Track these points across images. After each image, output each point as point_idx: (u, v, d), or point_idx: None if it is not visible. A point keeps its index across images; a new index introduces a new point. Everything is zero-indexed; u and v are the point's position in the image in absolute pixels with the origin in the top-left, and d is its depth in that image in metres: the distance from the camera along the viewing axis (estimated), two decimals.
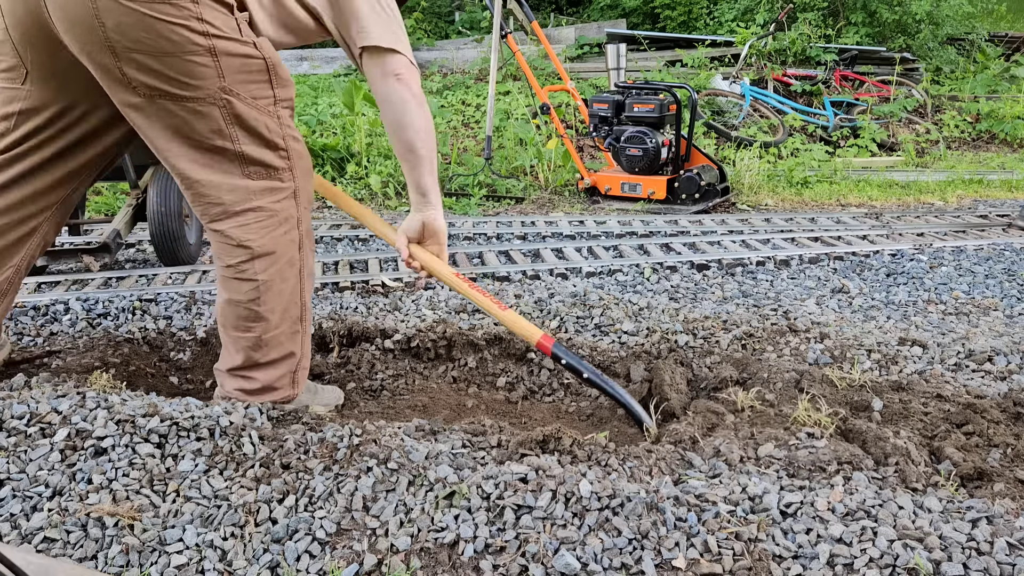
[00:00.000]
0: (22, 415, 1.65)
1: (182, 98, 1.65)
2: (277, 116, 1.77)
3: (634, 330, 2.56)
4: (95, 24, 1.56)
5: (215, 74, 1.64)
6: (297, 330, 1.91)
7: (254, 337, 1.84)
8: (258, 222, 1.78)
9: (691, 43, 8.56)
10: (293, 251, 1.85)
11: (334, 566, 1.34)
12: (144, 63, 1.60)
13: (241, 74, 1.68)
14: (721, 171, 4.92)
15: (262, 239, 1.78)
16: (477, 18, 10.22)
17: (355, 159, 5.46)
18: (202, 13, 1.59)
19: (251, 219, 1.78)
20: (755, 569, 1.28)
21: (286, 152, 1.80)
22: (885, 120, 7.22)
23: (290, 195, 1.83)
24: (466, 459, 1.62)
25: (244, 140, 1.73)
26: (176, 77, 1.62)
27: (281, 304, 1.85)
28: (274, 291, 1.83)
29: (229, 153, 1.73)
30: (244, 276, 1.80)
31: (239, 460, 1.59)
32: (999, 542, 1.30)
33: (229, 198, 1.76)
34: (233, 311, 1.84)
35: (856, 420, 1.86)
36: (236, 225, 1.77)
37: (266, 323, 1.84)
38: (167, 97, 1.65)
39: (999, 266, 3.33)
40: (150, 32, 1.56)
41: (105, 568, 1.36)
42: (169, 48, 1.59)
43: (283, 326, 1.87)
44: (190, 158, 1.72)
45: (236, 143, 1.72)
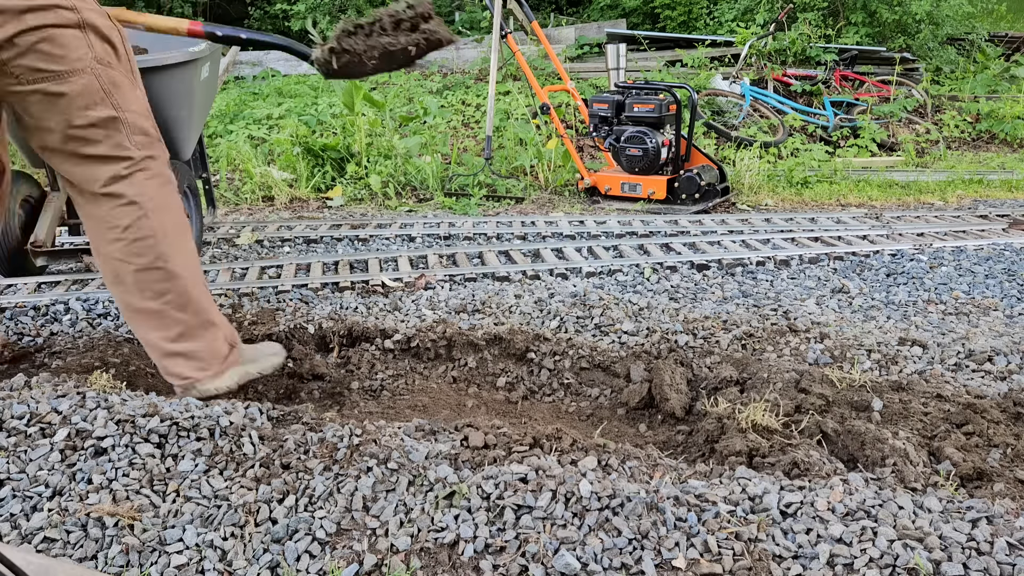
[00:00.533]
0: (22, 415, 1.65)
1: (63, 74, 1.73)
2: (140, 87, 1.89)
3: (634, 330, 2.56)
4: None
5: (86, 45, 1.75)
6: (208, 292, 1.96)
7: (173, 298, 1.87)
8: (147, 179, 1.86)
9: (691, 43, 8.55)
10: (179, 212, 1.93)
11: (334, 566, 1.34)
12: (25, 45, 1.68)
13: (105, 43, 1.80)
14: (721, 171, 4.91)
15: (152, 194, 1.86)
16: (477, 18, 10.22)
17: (355, 159, 5.46)
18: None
19: (140, 177, 1.85)
20: (755, 569, 1.28)
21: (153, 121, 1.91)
22: (885, 120, 7.22)
23: (166, 161, 1.93)
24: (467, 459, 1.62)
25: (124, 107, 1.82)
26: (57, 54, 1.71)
27: (185, 259, 1.89)
28: (176, 245, 1.88)
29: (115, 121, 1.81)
30: (142, 234, 1.84)
31: (239, 460, 1.59)
32: (999, 542, 1.30)
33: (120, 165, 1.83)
34: (144, 278, 1.86)
35: (855, 421, 1.86)
36: (128, 184, 1.84)
37: (179, 278, 1.87)
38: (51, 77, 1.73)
39: (999, 266, 3.33)
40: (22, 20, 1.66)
41: (105, 568, 1.36)
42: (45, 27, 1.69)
43: (196, 280, 1.91)
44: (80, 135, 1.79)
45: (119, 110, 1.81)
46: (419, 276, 3.16)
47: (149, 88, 2.44)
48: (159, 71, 2.90)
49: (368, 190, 5.17)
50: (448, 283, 3.13)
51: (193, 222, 3.49)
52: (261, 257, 3.65)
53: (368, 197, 5.11)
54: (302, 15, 10.28)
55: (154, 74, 2.84)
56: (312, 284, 3.03)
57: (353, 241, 3.93)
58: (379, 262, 3.41)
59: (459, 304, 2.80)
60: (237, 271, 3.24)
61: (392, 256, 3.47)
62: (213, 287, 2.96)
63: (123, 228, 1.84)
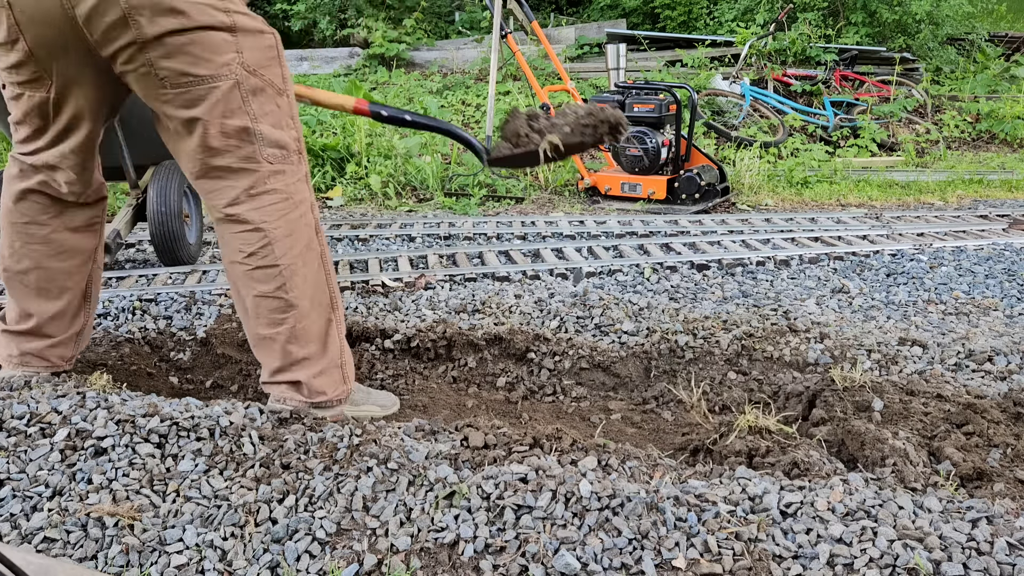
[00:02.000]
0: (22, 415, 1.65)
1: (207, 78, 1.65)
2: (287, 95, 1.76)
3: (634, 330, 2.56)
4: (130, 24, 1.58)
5: (234, 50, 1.65)
6: (331, 318, 1.86)
7: (288, 329, 1.79)
8: (272, 205, 1.74)
9: (691, 43, 8.56)
10: (311, 234, 1.81)
11: (334, 566, 1.34)
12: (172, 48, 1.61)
13: (256, 51, 1.69)
14: (721, 171, 4.91)
15: (278, 221, 1.75)
16: (477, 18, 10.22)
17: (355, 159, 5.46)
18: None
19: (266, 202, 1.74)
20: (755, 569, 1.28)
21: (296, 133, 1.79)
22: (885, 120, 7.22)
23: (302, 178, 1.80)
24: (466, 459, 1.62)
25: (261, 118, 1.71)
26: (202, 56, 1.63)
27: (308, 290, 1.80)
28: (299, 276, 1.78)
29: (248, 132, 1.70)
30: (265, 263, 1.75)
31: (239, 460, 1.59)
32: (999, 542, 1.30)
33: (246, 182, 1.73)
34: (263, 305, 1.78)
35: (855, 421, 1.86)
36: (252, 208, 1.73)
37: (297, 311, 1.78)
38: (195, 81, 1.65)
39: (999, 266, 3.33)
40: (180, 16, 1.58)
41: (105, 568, 1.36)
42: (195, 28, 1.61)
43: (314, 314, 1.81)
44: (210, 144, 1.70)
45: (255, 121, 1.70)
46: (419, 276, 3.16)
47: None
48: None
49: (368, 190, 5.17)
50: (448, 283, 3.13)
51: (193, 222, 3.50)
52: None
53: (368, 197, 5.11)
54: (302, 15, 10.28)
55: None
56: None
57: (353, 241, 3.93)
58: (379, 262, 3.41)
59: (459, 304, 2.80)
60: None
61: (392, 256, 3.47)
62: (213, 287, 2.97)
63: (246, 255, 1.76)
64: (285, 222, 1.76)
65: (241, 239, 1.76)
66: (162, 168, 3.25)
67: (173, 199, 3.24)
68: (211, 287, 2.97)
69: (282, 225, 1.75)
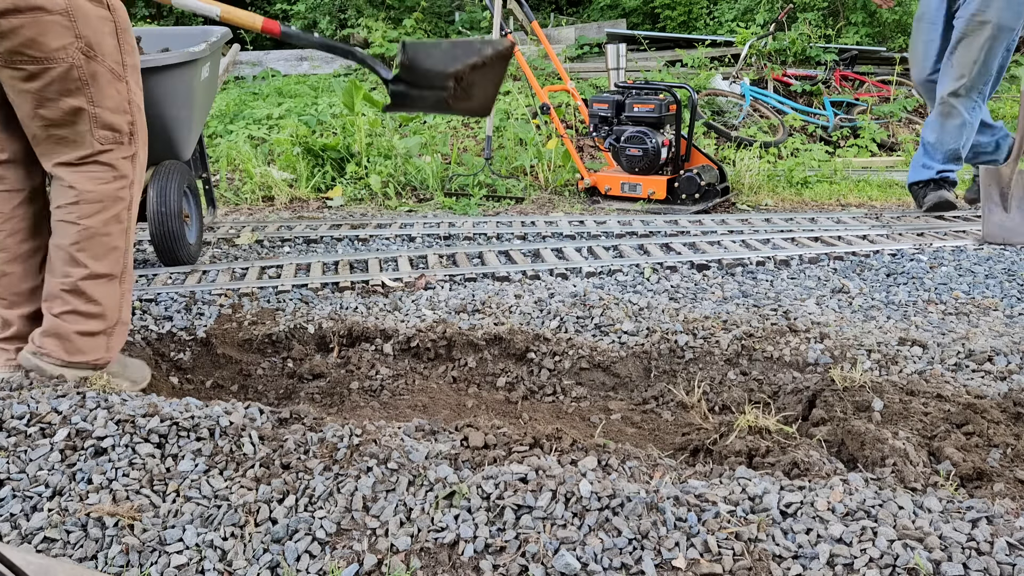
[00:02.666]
0: (22, 415, 1.65)
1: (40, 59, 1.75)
2: (126, 81, 1.89)
3: (634, 330, 2.56)
4: None
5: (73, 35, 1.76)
6: (116, 290, 1.97)
7: (71, 282, 1.90)
8: (93, 172, 1.89)
9: (691, 43, 8.55)
10: (120, 208, 1.94)
11: (334, 566, 1.34)
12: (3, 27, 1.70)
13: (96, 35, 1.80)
14: (721, 171, 4.91)
15: (92, 187, 1.89)
16: (477, 18, 10.22)
17: (355, 159, 5.46)
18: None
19: (88, 169, 1.89)
20: (755, 569, 1.28)
21: (131, 118, 1.93)
22: (885, 120, 7.22)
23: (129, 157, 1.95)
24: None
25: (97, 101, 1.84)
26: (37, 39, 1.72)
27: (101, 255, 1.92)
28: (96, 240, 1.91)
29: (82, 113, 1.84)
30: (69, 218, 1.89)
31: (239, 460, 1.59)
32: (999, 542, 1.30)
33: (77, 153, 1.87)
34: (56, 255, 1.91)
35: (855, 421, 1.86)
36: (73, 171, 1.88)
37: (84, 270, 1.90)
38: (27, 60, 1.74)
39: (999, 266, 3.33)
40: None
41: (105, 568, 1.36)
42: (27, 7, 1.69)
43: (102, 279, 1.93)
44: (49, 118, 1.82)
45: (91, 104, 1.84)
46: (419, 276, 3.16)
47: (149, 88, 2.44)
48: (159, 71, 2.90)
49: (368, 190, 5.17)
50: (448, 283, 3.13)
51: (193, 222, 3.49)
52: (261, 257, 3.65)
53: (368, 197, 5.11)
54: (302, 15, 10.29)
55: (154, 74, 2.84)
56: (312, 284, 3.03)
57: (353, 241, 3.93)
58: (379, 262, 3.41)
59: (459, 304, 2.80)
60: (237, 271, 3.24)
61: (392, 256, 3.47)
62: (213, 287, 2.97)
63: (59, 206, 1.91)
64: (100, 190, 1.90)
65: (58, 191, 1.91)
66: (162, 168, 3.25)
67: (173, 199, 3.24)
68: (211, 287, 2.97)
69: (95, 190, 1.90)
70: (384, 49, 8.77)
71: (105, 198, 1.92)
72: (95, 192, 1.90)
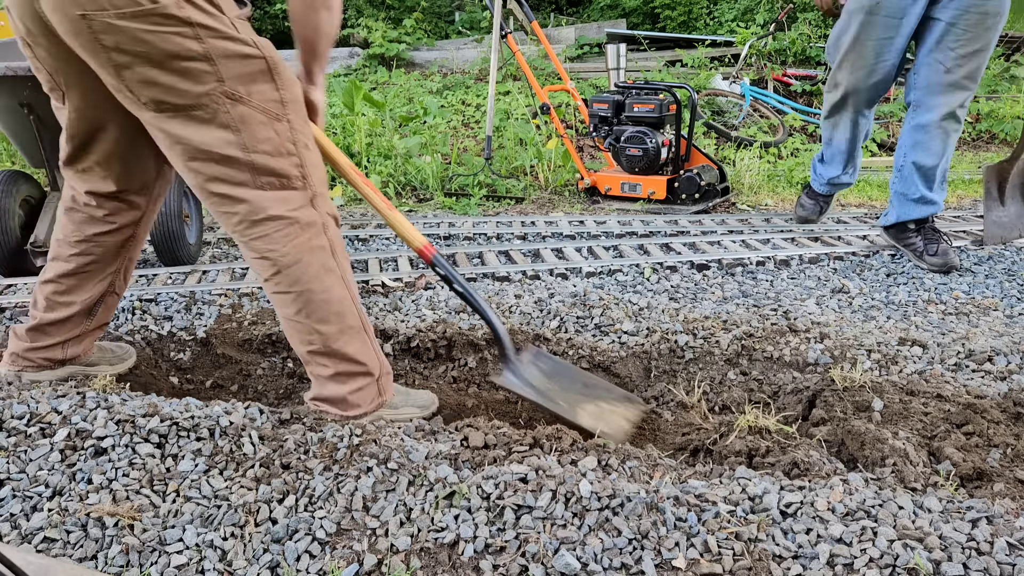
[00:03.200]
0: (22, 415, 1.65)
1: (186, 107, 1.61)
2: (288, 120, 1.70)
3: (634, 330, 2.56)
4: (97, 47, 1.55)
5: (214, 78, 1.60)
6: (364, 339, 1.86)
7: (318, 348, 1.81)
8: (278, 231, 1.72)
9: (691, 43, 8.56)
10: (324, 257, 1.78)
11: (334, 566, 1.34)
12: (146, 76, 1.57)
13: (242, 76, 1.63)
14: (721, 171, 4.91)
15: (284, 248, 1.72)
16: (477, 18, 10.22)
17: (355, 159, 5.46)
18: (191, 17, 1.55)
19: (270, 229, 1.71)
20: (755, 569, 1.28)
21: (299, 160, 1.73)
22: (885, 120, 7.22)
23: (308, 203, 1.76)
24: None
25: (253, 148, 1.66)
26: (176, 86, 1.59)
27: (331, 314, 1.79)
28: (316, 301, 1.77)
29: (239, 163, 1.67)
30: (279, 290, 1.76)
31: (239, 460, 1.59)
32: (999, 542, 1.30)
33: (243, 209, 1.70)
34: (290, 327, 1.81)
35: (855, 421, 1.86)
36: (256, 237, 1.72)
37: (321, 335, 1.79)
38: (172, 108, 1.62)
39: (999, 266, 3.33)
40: (144, 45, 1.54)
41: (105, 568, 1.36)
42: (164, 58, 1.56)
43: (345, 336, 1.81)
44: (200, 169, 1.68)
45: (246, 152, 1.66)
46: (419, 276, 3.16)
47: None
48: None
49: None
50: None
51: (193, 222, 3.50)
52: None
53: None
54: None
55: None
56: None
57: (353, 241, 3.93)
58: (379, 262, 3.41)
59: (459, 304, 2.80)
60: (237, 271, 3.24)
61: (392, 256, 3.47)
62: (213, 287, 2.97)
63: (264, 279, 1.77)
64: (293, 248, 1.73)
65: (256, 265, 1.76)
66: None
67: (173, 199, 3.24)
68: (211, 287, 2.97)
69: (290, 252, 1.73)
70: (384, 49, 8.78)
71: (303, 255, 1.73)
72: (289, 253, 1.72)
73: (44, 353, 2.02)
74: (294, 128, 1.72)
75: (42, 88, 1.81)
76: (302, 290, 1.75)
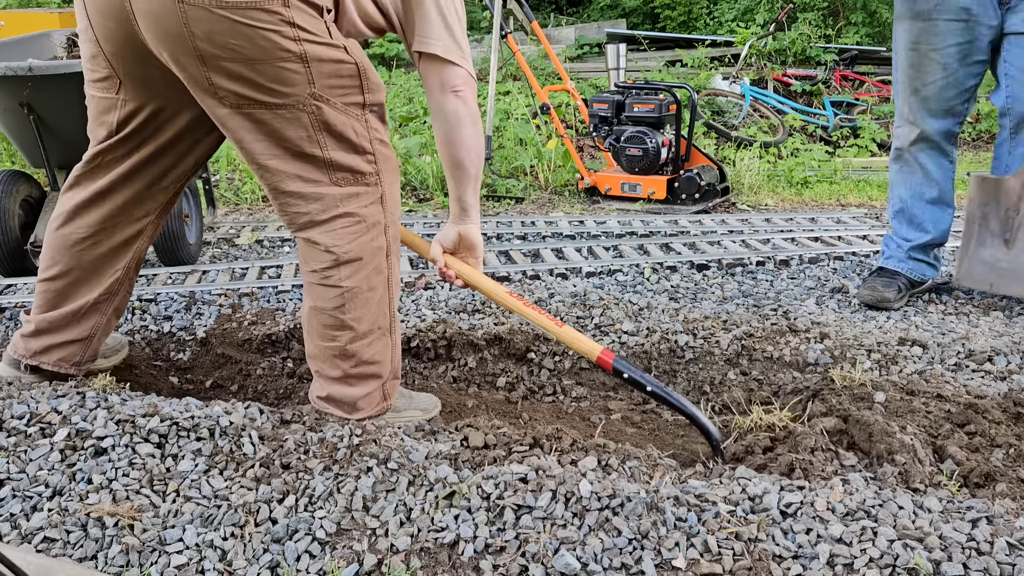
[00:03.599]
0: (22, 415, 1.65)
1: (271, 105, 1.61)
2: (365, 120, 1.73)
3: (634, 330, 2.56)
4: (185, 33, 1.53)
5: (305, 80, 1.60)
6: (386, 343, 1.86)
7: (339, 347, 1.80)
8: (344, 228, 1.74)
9: (691, 43, 8.56)
10: (380, 258, 1.80)
11: (334, 566, 1.34)
12: (233, 71, 1.56)
13: (332, 79, 1.64)
14: (721, 171, 4.92)
15: (348, 245, 1.74)
16: (477, 18, 10.22)
17: None
18: (293, 17, 1.55)
19: (338, 225, 1.73)
20: (755, 569, 1.28)
21: (373, 156, 1.75)
22: (885, 120, 7.22)
23: (377, 200, 1.77)
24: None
25: (332, 146, 1.68)
26: (265, 84, 1.58)
27: (368, 313, 1.80)
28: (360, 299, 1.78)
29: (317, 160, 1.69)
30: (329, 282, 1.76)
31: (239, 460, 1.59)
32: (999, 542, 1.30)
33: (316, 207, 1.72)
34: (318, 319, 1.80)
35: (862, 411, 1.85)
36: (322, 232, 1.73)
37: (351, 332, 1.79)
38: (255, 105, 1.61)
39: None
40: (240, 39, 1.52)
41: (105, 568, 1.36)
42: (259, 55, 1.55)
43: (370, 336, 1.82)
44: (278, 167, 1.69)
45: (324, 149, 1.68)
46: (419, 276, 3.16)
47: None
48: None
49: None
50: (448, 283, 3.13)
51: (193, 222, 3.50)
52: (261, 257, 3.65)
53: None
54: None
55: None
56: None
57: None
58: None
59: (459, 304, 2.81)
60: (237, 271, 3.24)
61: None
62: (213, 287, 2.97)
63: (313, 270, 1.77)
64: (356, 246, 1.75)
65: (311, 255, 1.77)
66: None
67: None
68: (211, 287, 2.97)
69: (353, 249, 1.74)
70: (384, 49, 8.77)
71: (364, 253, 1.76)
72: (352, 249, 1.74)
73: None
74: (371, 127, 1.74)
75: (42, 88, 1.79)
76: (352, 287, 1.76)
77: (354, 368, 1.82)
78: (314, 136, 1.66)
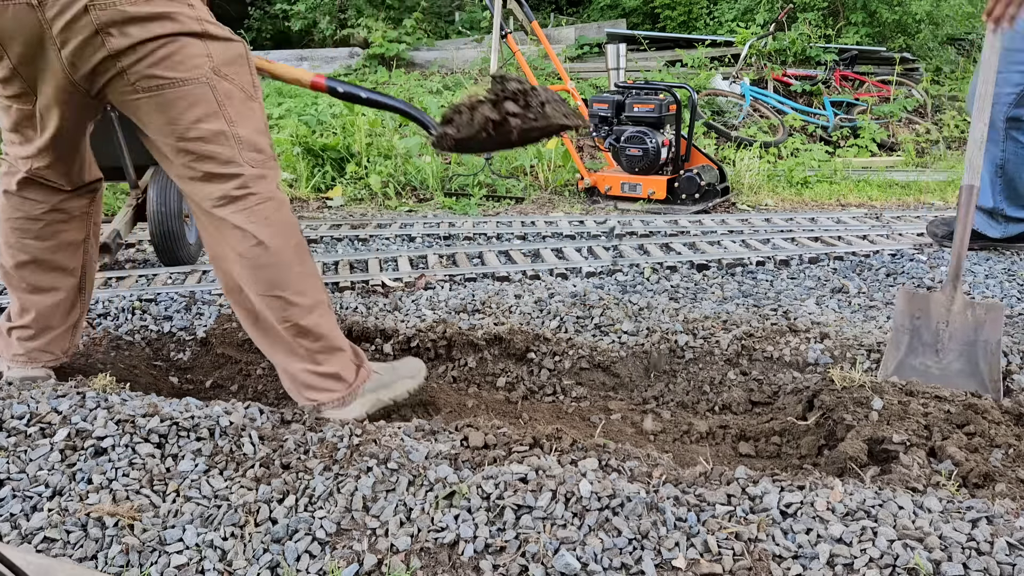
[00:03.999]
0: (22, 415, 1.65)
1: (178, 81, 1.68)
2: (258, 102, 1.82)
3: (634, 330, 2.56)
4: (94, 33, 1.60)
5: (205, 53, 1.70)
6: (332, 317, 1.89)
7: (294, 324, 1.81)
8: (259, 206, 1.78)
9: (691, 43, 8.56)
10: (297, 232, 1.85)
11: (334, 566, 1.34)
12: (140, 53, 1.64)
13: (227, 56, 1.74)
14: (721, 171, 4.92)
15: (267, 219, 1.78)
16: (477, 18, 10.22)
17: (355, 159, 5.46)
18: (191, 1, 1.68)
19: (252, 203, 1.77)
20: (755, 569, 1.28)
21: (270, 140, 1.84)
22: (885, 120, 7.22)
23: (280, 183, 1.86)
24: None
25: (239, 123, 1.75)
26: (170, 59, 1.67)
27: (307, 285, 1.83)
28: (294, 274, 1.81)
29: (227, 137, 1.74)
30: (260, 263, 1.78)
31: (239, 460, 1.59)
32: (999, 542, 1.30)
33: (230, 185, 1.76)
34: (266, 305, 1.80)
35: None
36: (238, 210, 1.76)
37: (299, 308, 1.81)
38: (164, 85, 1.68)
39: (999, 266, 3.33)
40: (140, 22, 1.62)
41: (105, 568, 1.36)
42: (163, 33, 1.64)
43: (318, 310, 1.85)
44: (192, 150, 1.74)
45: (232, 125, 1.74)
46: (419, 276, 3.16)
47: None
48: None
49: (368, 190, 5.17)
50: (448, 283, 3.13)
51: (193, 222, 3.50)
52: None
53: (368, 197, 5.11)
54: (302, 15, 10.28)
55: None
56: None
57: (353, 241, 3.93)
58: (379, 262, 3.41)
59: (459, 304, 2.80)
60: None
61: (392, 256, 3.47)
62: (213, 287, 2.97)
63: (238, 254, 1.78)
64: (274, 223, 1.79)
65: (231, 238, 1.78)
66: (162, 168, 3.25)
67: (173, 199, 3.24)
68: (211, 287, 2.97)
69: (272, 224, 1.79)
70: (384, 49, 8.78)
71: (284, 228, 1.80)
72: (273, 225, 1.78)
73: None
74: (263, 111, 1.84)
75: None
76: (280, 261, 1.80)
77: (318, 343, 1.84)
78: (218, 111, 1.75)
